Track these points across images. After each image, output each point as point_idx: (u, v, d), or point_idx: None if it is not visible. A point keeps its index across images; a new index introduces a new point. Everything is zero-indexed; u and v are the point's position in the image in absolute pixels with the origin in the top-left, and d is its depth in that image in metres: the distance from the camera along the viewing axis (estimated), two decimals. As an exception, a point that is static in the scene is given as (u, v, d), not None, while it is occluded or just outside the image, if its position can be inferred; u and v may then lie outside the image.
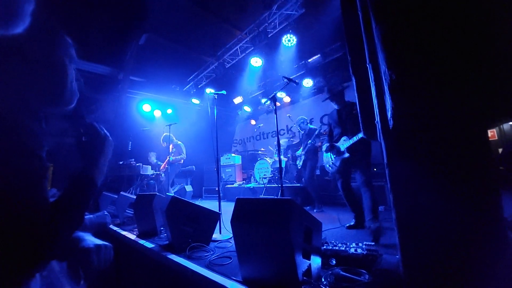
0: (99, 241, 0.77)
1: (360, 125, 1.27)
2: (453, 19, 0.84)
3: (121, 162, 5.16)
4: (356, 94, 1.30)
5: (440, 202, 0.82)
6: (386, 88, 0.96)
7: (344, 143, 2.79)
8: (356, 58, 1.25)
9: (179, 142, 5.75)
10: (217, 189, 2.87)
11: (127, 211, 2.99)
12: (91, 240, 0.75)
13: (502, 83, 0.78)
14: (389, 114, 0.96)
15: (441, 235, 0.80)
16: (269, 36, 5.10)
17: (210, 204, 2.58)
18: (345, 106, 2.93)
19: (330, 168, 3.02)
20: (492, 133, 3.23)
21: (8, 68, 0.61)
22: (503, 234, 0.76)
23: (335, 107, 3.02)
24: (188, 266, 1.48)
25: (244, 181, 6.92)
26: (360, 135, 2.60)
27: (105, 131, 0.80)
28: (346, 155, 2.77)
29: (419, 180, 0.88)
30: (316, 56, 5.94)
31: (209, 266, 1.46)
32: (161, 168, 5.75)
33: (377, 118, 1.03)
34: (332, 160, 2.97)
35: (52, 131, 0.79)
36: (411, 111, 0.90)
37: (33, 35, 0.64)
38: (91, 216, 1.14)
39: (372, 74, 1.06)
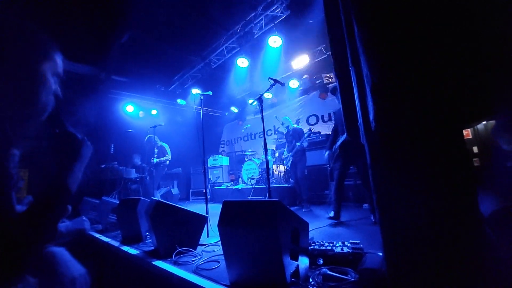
0: (74, 264, 0.74)
1: (344, 126, 1.30)
2: (432, 23, 0.87)
3: (103, 166, 4.96)
4: (339, 96, 1.32)
5: (421, 201, 0.85)
6: (368, 90, 0.99)
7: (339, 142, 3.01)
8: (339, 60, 1.27)
9: (162, 144, 5.62)
10: (204, 191, 2.83)
11: (110, 216, 2.87)
12: (66, 265, 0.72)
13: (477, 86, 0.83)
14: (371, 116, 0.98)
15: (423, 233, 0.83)
16: (255, 37, 5.10)
17: (198, 207, 2.53)
18: None
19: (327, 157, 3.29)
20: (466, 132, 3.43)
21: None
22: (482, 230, 0.80)
23: (337, 101, 3.18)
24: (174, 273, 1.45)
25: (232, 183, 6.87)
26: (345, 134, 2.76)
27: (83, 135, 0.76)
28: (336, 151, 3.00)
29: (400, 180, 0.91)
30: (302, 57, 6.02)
31: (196, 271, 1.44)
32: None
33: (360, 120, 1.05)
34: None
35: (27, 134, 0.73)
36: (392, 113, 0.93)
37: (13, 40, 0.61)
38: (68, 222, 1.07)
39: (354, 77, 1.08)
